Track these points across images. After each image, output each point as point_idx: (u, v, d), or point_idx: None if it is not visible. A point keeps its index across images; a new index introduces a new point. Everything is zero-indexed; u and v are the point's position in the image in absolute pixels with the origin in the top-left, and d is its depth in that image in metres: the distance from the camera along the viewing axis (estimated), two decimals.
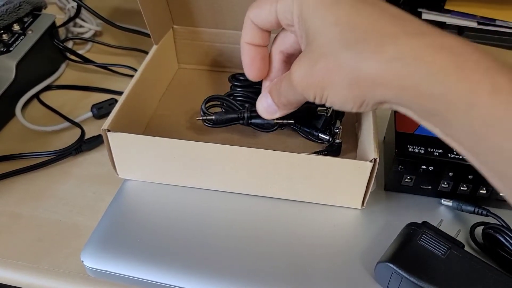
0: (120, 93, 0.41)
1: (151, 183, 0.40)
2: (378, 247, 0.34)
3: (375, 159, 0.34)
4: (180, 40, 0.52)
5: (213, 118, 0.41)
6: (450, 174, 0.37)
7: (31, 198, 0.41)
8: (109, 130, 0.37)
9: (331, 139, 0.42)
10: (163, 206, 0.38)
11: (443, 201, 0.39)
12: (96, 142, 0.46)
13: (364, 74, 0.24)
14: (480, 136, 0.22)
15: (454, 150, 0.33)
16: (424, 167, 0.37)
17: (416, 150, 0.37)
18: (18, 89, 0.50)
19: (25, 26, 0.53)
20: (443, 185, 0.38)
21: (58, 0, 0.66)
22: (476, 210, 0.37)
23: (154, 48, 0.47)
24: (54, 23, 0.55)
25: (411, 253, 0.31)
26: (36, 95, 0.52)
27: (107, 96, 0.51)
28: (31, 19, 0.54)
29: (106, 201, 0.39)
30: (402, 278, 0.30)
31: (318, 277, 0.33)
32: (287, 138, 0.44)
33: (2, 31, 0.50)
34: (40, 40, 0.52)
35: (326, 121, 0.42)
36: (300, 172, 0.36)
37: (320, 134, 0.42)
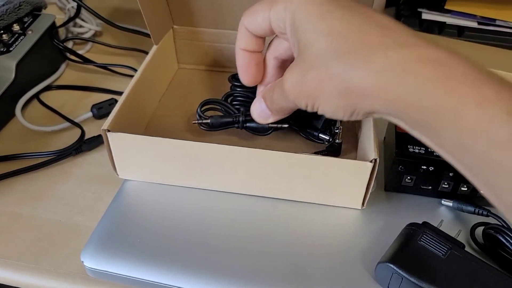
0: (120, 93, 0.41)
1: (151, 183, 0.40)
2: (378, 248, 0.34)
3: (375, 159, 0.34)
4: (180, 40, 0.52)
5: (208, 121, 0.42)
6: (451, 174, 0.37)
7: (31, 198, 0.41)
8: (109, 130, 0.37)
9: (331, 139, 0.42)
10: (163, 206, 0.38)
11: (444, 201, 0.39)
12: (96, 142, 0.46)
13: (354, 85, 0.25)
14: (468, 147, 0.22)
15: None
16: (425, 167, 0.37)
17: (417, 150, 0.37)
18: (18, 89, 0.50)
19: (25, 26, 0.53)
20: (443, 185, 0.38)
21: (58, 0, 0.66)
22: (477, 211, 0.37)
23: (154, 48, 0.47)
24: (54, 23, 0.55)
25: (412, 253, 0.31)
26: (36, 95, 0.52)
27: (107, 96, 0.51)
28: (31, 19, 0.54)
29: (106, 201, 0.39)
30: (403, 279, 0.30)
31: (318, 277, 0.33)
32: (287, 138, 0.44)
33: (2, 31, 0.50)
34: (40, 40, 0.52)
35: (326, 121, 0.42)
36: (300, 172, 0.36)
37: (320, 134, 0.42)
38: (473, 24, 0.54)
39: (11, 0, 0.52)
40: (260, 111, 0.33)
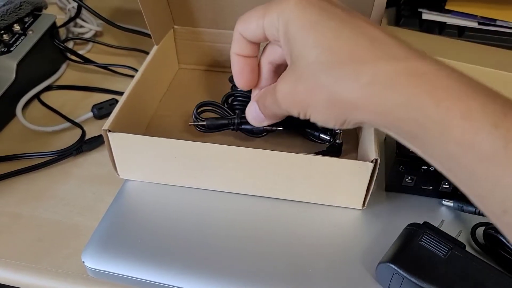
0: (121, 93, 0.41)
1: (152, 184, 0.40)
2: (379, 248, 0.34)
3: (376, 160, 0.34)
4: (180, 41, 0.52)
5: (204, 123, 0.42)
6: None
7: (32, 198, 0.41)
8: (110, 131, 0.37)
9: (332, 140, 0.42)
10: (163, 207, 0.38)
11: (444, 201, 0.39)
12: (96, 143, 0.46)
13: (343, 98, 0.25)
14: (455, 158, 0.23)
15: None
16: (425, 167, 0.37)
17: None
18: (18, 89, 0.50)
19: (25, 26, 0.53)
20: (444, 185, 0.38)
21: (58, 0, 0.66)
22: (477, 211, 0.37)
23: (155, 49, 0.47)
24: (54, 23, 0.55)
25: (412, 253, 0.31)
26: (37, 95, 0.52)
27: (107, 97, 0.51)
28: (32, 19, 0.54)
29: (106, 201, 0.39)
30: (404, 279, 0.30)
31: (319, 277, 0.33)
32: (288, 139, 0.44)
33: (3, 31, 0.50)
34: (40, 40, 0.52)
35: None
36: (301, 172, 0.36)
37: (321, 135, 0.42)
38: (473, 24, 0.54)
39: (11, 0, 0.52)
40: (255, 115, 0.34)
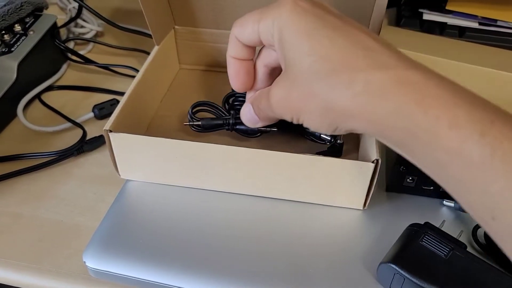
0: (122, 93, 0.41)
1: (153, 184, 0.40)
2: (380, 248, 0.34)
3: (377, 160, 0.34)
4: (181, 41, 0.52)
5: (199, 123, 0.42)
6: None
7: (33, 198, 0.41)
8: (111, 131, 0.37)
9: (332, 140, 0.42)
10: (165, 207, 0.38)
11: (445, 201, 0.39)
12: (97, 143, 0.46)
13: (335, 106, 0.26)
14: (443, 166, 0.23)
15: None
16: None
17: None
18: (19, 89, 0.50)
19: (26, 26, 0.53)
20: None
21: (59, 1, 0.66)
22: None
23: (156, 49, 0.47)
24: (55, 24, 0.55)
25: (414, 254, 0.31)
26: (38, 96, 0.52)
27: (108, 97, 0.51)
28: (33, 20, 0.54)
29: (107, 201, 0.39)
30: (405, 279, 0.30)
31: (320, 277, 0.33)
32: (288, 139, 0.44)
33: (4, 32, 0.50)
34: (41, 40, 0.52)
35: None
36: (302, 173, 0.36)
37: (321, 135, 0.42)
38: (474, 24, 0.54)
39: (12, 1, 0.52)
40: (250, 117, 0.34)
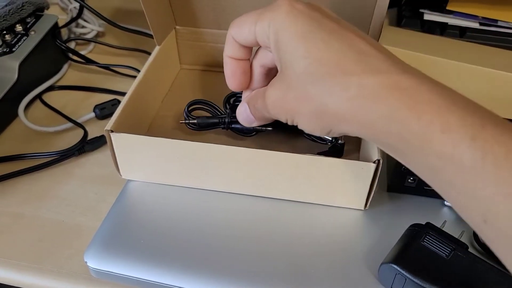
0: (123, 93, 0.41)
1: (154, 184, 0.40)
2: (381, 248, 0.34)
3: (379, 160, 0.34)
4: (182, 41, 0.52)
5: (195, 122, 0.43)
6: None
7: (34, 198, 0.41)
8: (112, 131, 0.37)
9: (333, 140, 0.42)
10: (166, 207, 0.38)
11: (447, 202, 0.39)
12: (99, 143, 0.46)
13: (329, 109, 0.26)
14: (435, 170, 0.23)
15: None
16: None
17: None
18: (20, 89, 0.50)
19: (27, 26, 0.53)
20: None
21: (60, 1, 0.66)
22: None
23: (157, 49, 0.47)
24: (56, 24, 0.55)
25: (415, 254, 0.31)
26: (39, 96, 0.52)
27: (109, 97, 0.51)
28: (34, 20, 0.54)
29: (108, 201, 0.39)
30: (406, 279, 0.30)
31: (321, 278, 0.33)
32: (289, 139, 0.44)
33: (5, 32, 0.51)
34: (42, 40, 0.52)
35: None
36: (303, 173, 0.36)
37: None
38: (475, 25, 0.54)
39: (13, 1, 0.52)
40: (246, 116, 0.34)
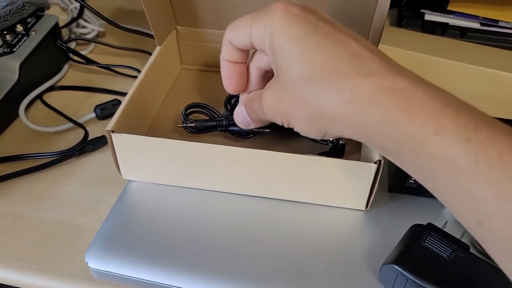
0: (123, 94, 0.41)
1: (155, 184, 0.40)
2: (382, 249, 0.34)
3: (380, 161, 0.34)
4: (183, 41, 0.52)
5: (193, 125, 0.43)
6: None
7: (34, 198, 0.41)
8: (113, 131, 0.37)
9: (334, 140, 0.42)
10: (167, 207, 0.38)
11: None
12: (99, 143, 0.46)
13: (324, 112, 0.26)
14: (429, 172, 0.23)
15: None
16: None
17: None
18: (21, 89, 0.50)
19: (28, 26, 0.53)
20: None
21: (60, 1, 0.66)
22: None
23: (158, 49, 0.47)
24: (57, 24, 0.55)
25: (416, 255, 0.31)
26: (39, 96, 0.52)
27: (110, 97, 0.51)
28: (34, 20, 0.54)
29: (109, 202, 0.39)
30: (408, 280, 0.30)
31: (321, 278, 0.33)
32: (290, 139, 0.44)
33: (6, 32, 0.50)
34: (43, 41, 0.52)
35: None
36: (304, 173, 0.36)
37: None
38: (475, 25, 0.54)
39: (14, 1, 0.52)
40: (243, 118, 0.34)
